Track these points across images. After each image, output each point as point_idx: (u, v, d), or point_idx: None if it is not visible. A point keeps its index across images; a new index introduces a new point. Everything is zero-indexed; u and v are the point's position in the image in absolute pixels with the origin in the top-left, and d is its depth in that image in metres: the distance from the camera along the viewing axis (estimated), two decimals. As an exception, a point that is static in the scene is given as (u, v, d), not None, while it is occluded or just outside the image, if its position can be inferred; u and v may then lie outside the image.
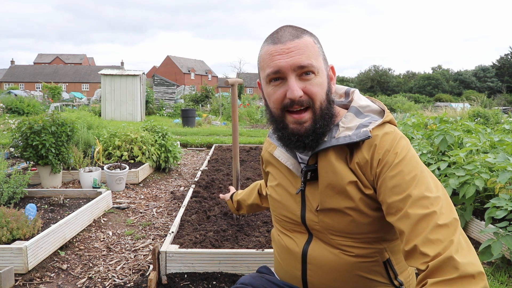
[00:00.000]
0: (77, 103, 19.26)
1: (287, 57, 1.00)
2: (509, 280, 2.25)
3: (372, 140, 1.01)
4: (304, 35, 1.03)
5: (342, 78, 73.43)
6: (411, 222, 0.88)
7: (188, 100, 21.70)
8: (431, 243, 0.84)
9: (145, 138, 5.12)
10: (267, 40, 1.06)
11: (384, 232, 1.06)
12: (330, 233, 1.08)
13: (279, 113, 1.05)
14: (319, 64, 1.03)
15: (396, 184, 0.94)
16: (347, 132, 1.04)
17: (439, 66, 76.06)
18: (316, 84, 1.02)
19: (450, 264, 0.80)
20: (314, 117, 1.03)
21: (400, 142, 1.00)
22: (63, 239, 2.61)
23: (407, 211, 0.90)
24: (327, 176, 1.05)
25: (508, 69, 56.78)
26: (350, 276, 1.08)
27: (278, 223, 1.26)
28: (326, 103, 1.04)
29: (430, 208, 0.88)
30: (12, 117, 10.24)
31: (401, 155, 0.97)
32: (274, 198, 1.23)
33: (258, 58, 1.10)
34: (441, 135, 3.70)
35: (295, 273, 1.16)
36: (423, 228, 0.86)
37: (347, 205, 1.04)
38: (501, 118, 10.72)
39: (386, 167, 0.97)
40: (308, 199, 1.12)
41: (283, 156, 1.17)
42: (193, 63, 76.88)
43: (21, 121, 3.89)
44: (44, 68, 61.62)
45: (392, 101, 32.00)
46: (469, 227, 2.88)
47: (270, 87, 1.05)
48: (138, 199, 3.93)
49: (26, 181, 3.24)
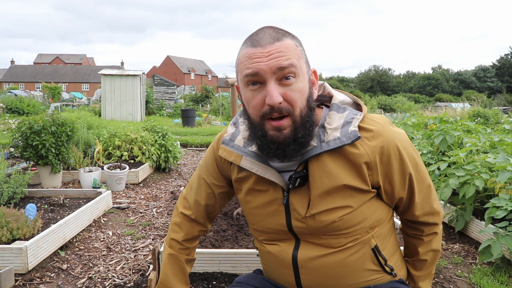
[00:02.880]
0: (77, 103, 19.26)
1: (266, 60, 0.95)
2: (509, 280, 2.25)
3: (369, 136, 1.02)
4: (285, 38, 0.98)
5: (342, 78, 73.40)
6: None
7: (188, 100, 21.71)
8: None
9: (145, 138, 5.12)
10: (246, 42, 1.00)
11: (373, 219, 1.08)
12: (319, 234, 1.06)
13: (259, 121, 0.99)
14: (300, 66, 0.98)
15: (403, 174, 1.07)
16: (335, 133, 1.00)
17: (439, 66, 76.11)
18: (296, 90, 0.96)
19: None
20: (294, 125, 0.97)
21: (392, 131, 1.07)
22: (63, 239, 2.61)
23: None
24: (321, 181, 1.01)
25: (508, 69, 56.76)
26: (344, 271, 1.07)
27: (260, 235, 1.18)
28: (307, 110, 0.99)
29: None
30: (12, 117, 10.24)
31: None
32: (251, 212, 1.15)
33: (236, 60, 1.04)
34: (441, 135, 3.70)
35: (289, 279, 1.13)
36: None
37: (340, 204, 1.02)
38: (501, 118, 10.72)
39: (392, 161, 1.05)
40: (293, 207, 1.06)
41: (258, 168, 1.07)
42: (193, 63, 76.89)
43: (21, 121, 3.89)
44: (44, 68, 61.62)
45: (392, 101, 32.02)
46: (469, 227, 2.88)
47: (248, 91, 0.99)
48: (138, 199, 3.93)
49: (26, 181, 3.24)
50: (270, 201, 1.09)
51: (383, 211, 1.11)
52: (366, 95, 38.79)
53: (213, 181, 1.25)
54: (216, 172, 1.24)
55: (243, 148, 1.10)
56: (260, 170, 1.06)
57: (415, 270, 1.21)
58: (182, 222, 1.29)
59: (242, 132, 1.14)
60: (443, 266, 2.44)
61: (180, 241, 1.28)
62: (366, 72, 74.49)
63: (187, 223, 1.29)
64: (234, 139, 1.14)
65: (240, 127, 1.16)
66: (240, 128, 1.16)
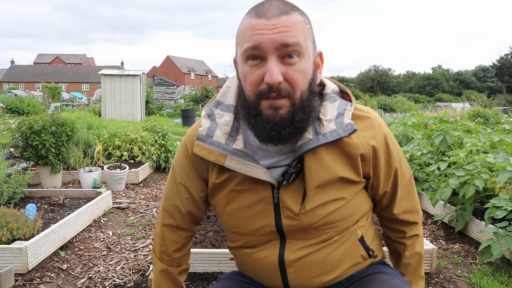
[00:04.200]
0: (77, 103, 19.25)
1: (270, 33, 0.86)
2: (509, 280, 2.25)
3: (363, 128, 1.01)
4: (294, 12, 0.89)
5: (342, 78, 73.36)
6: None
7: (188, 100, 21.70)
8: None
9: (145, 138, 5.12)
10: (250, 13, 0.91)
11: (361, 211, 1.07)
12: (310, 230, 1.01)
13: (254, 99, 0.91)
14: (306, 45, 0.90)
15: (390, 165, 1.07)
16: (331, 125, 0.95)
17: (439, 66, 76.11)
18: (299, 70, 0.88)
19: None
20: (293, 108, 0.89)
21: (382, 125, 1.06)
22: (63, 239, 2.61)
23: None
24: (317, 175, 0.96)
25: (508, 69, 56.75)
26: (332, 264, 1.05)
27: (240, 238, 1.09)
28: (308, 93, 0.91)
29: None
30: (12, 117, 10.24)
31: (390, 140, 1.06)
32: (233, 214, 1.05)
33: (237, 31, 0.95)
34: (441, 135, 3.70)
35: (274, 282, 1.07)
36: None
37: (335, 196, 0.99)
38: (501, 118, 10.72)
39: (381, 152, 1.04)
40: (284, 204, 0.99)
41: (247, 168, 0.96)
42: (193, 63, 76.88)
43: (21, 121, 3.89)
44: (44, 68, 61.62)
45: (392, 101, 31.99)
46: (469, 227, 2.88)
47: (246, 66, 0.90)
48: (138, 199, 3.93)
49: (26, 181, 3.24)
50: (257, 200, 1.01)
51: (369, 203, 1.11)
52: (366, 95, 38.78)
53: (192, 185, 1.10)
54: (194, 175, 1.09)
55: (225, 145, 0.97)
56: (249, 170, 0.96)
57: (402, 275, 1.18)
58: (166, 235, 1.18)
59: (222, 127, 1.00)
60: (443, 266, 2.44)
61: (170, 252, 1.18)
62: (366, 72, 74.47)
63: (171, 234, 1.18)
64: (211, 135, 1.00)
65: (218, 120, 1.01)
66: (218, 122, 1.01)
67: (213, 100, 1.08)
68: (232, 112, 1.02)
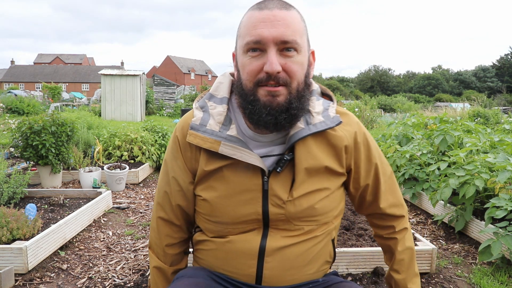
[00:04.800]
0: (77, 103, 19.25)
1: (271, 26, 0.92)
2: (509, 280, 2.25)
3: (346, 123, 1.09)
4: (292, 9, 0.98)
5: (342, 78, 73.38)
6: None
7: (188, 100, 21.68)
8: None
9: (145, 138, 5.12)
10: (253, 7, 0.99)
11: (339, 208, 1.12)
12: (295, 221, 1.04)
13: (251, 87, 0.96)
14: (303, 42, 0.97)
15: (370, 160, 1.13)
16: (319, 117, 1.03)
17: (439, 66, 76.16)
18: (297, 62, 0.95)
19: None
20: (290, 96, 0.95)
21: (361, 123, 1.14)
22: (63, 239, 2.61)
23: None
24: (307, 163, 1.02)
25: (508, 69, 56.77)
26: (307, 260, 1.07)
27: (221, 230, 1.08)
28: (303, 85, 0.98)
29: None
30: (12, 117, 10.23)
31: (369, 137, 1.14)
32: (217, 202, 1.05)
33: (239, 24, 1.01)
34: (441, 135, 3.70)
35: (247, 270, 1.06)
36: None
37: (320, 186, 1.05)
38: (501, 118, 10.72)
39: (362, 148, 1.11)
40: (273, 192, 1.02)
41: (241, 153, 0.99)
42: (193, 63, 76.89)
43: (21, 121, 3.89)
44: (44, 68, 61.62)
45: (392, 101, 31.99)
46: (469, 227, 2.88)
47: (246, 57, 0.96)
48: (138, 199, 3.93)
49: (26, 181, 3.24)
50: (245, 188, 1.02)
51: (344, 203, 1.16)
52: (366, 95, 38.74)
53: (182, 177, 1.11)
54: (184, 166, 1.10)
55: (219, 133, 1.01)
56: (243, 155, 0.99)
57: (398, 274, 1.20)
58: (159, 227, 1.18)
59: (216, 117, 1.03)
60: (443, 266, 2.44)
61: (163, 246, 1.19)
62: (366, 72, 74.52)
63: (164, 227, 1.18)
64: (205, 124, 1.03)
65: (211, 111, 1.05)
66: (212, 112, 1.05)
67: (206, 93, 1.12)
68: (225, 103, 1.06)
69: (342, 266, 2.22)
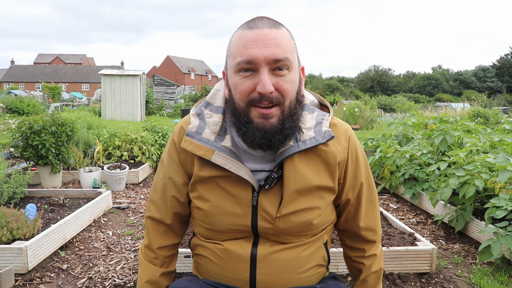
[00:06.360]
0: (77, 103, 19.25)
1: (262, 46, 0.92)
2: (509, 280, 2.25)
3: (339, 138, 1.08)
4: (282, 27, 0.98)
5: (342, 78, 73.36)
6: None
7: (188, 100, 21.69)
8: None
9: (145, 138, 5.12)
10: (242, 26, 0.98)
11: (330, 220, 1.14)
12: (284, 235, 1.06)
13: (244, 106, 0.96)
14: (294, 60, 0.97)
15: (356, 175, 1.12)
16: (310, 133, 1.02)
17: (439, 66, 76.16)
18: (288, 81, 0.95)
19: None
20: (282, 116, 0.96)
21: (355, 137, 1.13)
22: (63, 239, 2.61)
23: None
24: (295, 181, 1.01)
25: (508, 69, 56.78)
26: (299, 264, 1.08)
27: (216, 235, 1.10)
28: (295, 102, 0.98)
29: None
30: (12, 117, 10.24)
31: (360, 150, 1.14)
32: (210, 211, 1.06)
33: (229, 44, 1.00)
34: (441, 135, 3.70)
35: (241, 275, 1.07)
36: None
37: (310, 205, 1.04)
38: (501, 118, 10.72)
39: (351, 162, 1.11)
40: (263, 207, 1.03)
41: (231, 164, 1.00)
42: (193, 63, 76.90)
43: (21, 121, 3.89)
44: (44, 68, 61.62)
45: (392, 101, 31.99)
46: (469, 227, 2.88)
47: (238, 77, 0.96)
48: (138, 199, 3.93)
49: (26, 181, 3.24)
50: (236, 202, 1.04)
51: (335, 214, 1.17)
52: (366, 95, 38.74)
53: (177, 178, 1.12)
54: (180, 168, 1.12)
55: (214, 142, 1.02)
56: (233, 167, 1.00)
57: None
58: (151, 227, 1.18)
59: (211, 126, 1.05)
60: (443, 266, 2.44)
61: (154, 248, 1.17)
62: (366, 72, 74.49)
63: (156, 226, 1.18)
64: (201, 132, 1.04)
65: (207, 120, 1.06)
66: (208, 121, 1.06)
67: (203, 100, 1.13)
68: (220, 113, 1.07)
69: (342, 266, 2.22)
